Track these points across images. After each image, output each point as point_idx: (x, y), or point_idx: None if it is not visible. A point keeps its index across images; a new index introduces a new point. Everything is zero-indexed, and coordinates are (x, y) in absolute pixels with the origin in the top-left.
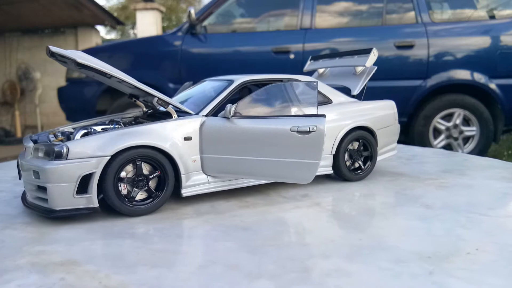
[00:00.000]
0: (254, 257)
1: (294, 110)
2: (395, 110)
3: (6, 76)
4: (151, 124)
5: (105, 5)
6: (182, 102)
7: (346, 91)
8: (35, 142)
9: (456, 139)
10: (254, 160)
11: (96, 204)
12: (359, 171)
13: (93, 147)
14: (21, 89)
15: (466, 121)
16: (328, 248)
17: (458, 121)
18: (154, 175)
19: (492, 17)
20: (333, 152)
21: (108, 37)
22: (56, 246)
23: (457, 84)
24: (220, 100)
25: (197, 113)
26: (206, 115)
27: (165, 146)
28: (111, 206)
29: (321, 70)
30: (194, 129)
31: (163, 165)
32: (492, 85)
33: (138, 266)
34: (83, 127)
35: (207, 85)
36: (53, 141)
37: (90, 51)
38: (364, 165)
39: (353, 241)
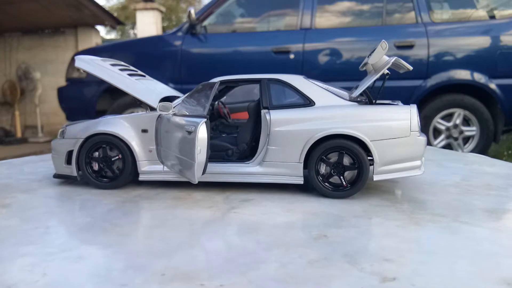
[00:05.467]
0: (72, 230)
1: (206, 111)
2: (413, 118)
3: (6, 76)
4: (119, 117)
5: (105, 5)
6: None
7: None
8: None
9: (456, 139)
10: (170, 154)
11: (75, 174)
12: (340, 188)
13: (77, 131)
14: (21, 89)
15: (466, 121)
16: (120, 242)
17: (458, 121)
18: (114, 158)
19: (492, 17)
20: (301, 160)
21: (108, 37)
22: (25, 195)
23: (457, 84)
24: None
25: None
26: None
27: (121, 135)
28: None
29: (370, 68)
30: (150, 123)
31: (121, 151)
32: (492, 85)
33: (16, 216)
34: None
35: None
36: None
37: (90, 51)
38: (356, 181)
39: (157, 246)
